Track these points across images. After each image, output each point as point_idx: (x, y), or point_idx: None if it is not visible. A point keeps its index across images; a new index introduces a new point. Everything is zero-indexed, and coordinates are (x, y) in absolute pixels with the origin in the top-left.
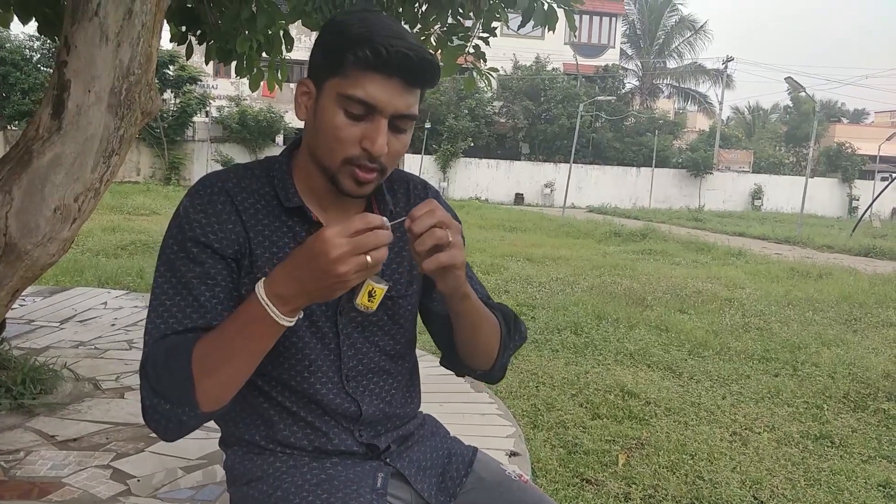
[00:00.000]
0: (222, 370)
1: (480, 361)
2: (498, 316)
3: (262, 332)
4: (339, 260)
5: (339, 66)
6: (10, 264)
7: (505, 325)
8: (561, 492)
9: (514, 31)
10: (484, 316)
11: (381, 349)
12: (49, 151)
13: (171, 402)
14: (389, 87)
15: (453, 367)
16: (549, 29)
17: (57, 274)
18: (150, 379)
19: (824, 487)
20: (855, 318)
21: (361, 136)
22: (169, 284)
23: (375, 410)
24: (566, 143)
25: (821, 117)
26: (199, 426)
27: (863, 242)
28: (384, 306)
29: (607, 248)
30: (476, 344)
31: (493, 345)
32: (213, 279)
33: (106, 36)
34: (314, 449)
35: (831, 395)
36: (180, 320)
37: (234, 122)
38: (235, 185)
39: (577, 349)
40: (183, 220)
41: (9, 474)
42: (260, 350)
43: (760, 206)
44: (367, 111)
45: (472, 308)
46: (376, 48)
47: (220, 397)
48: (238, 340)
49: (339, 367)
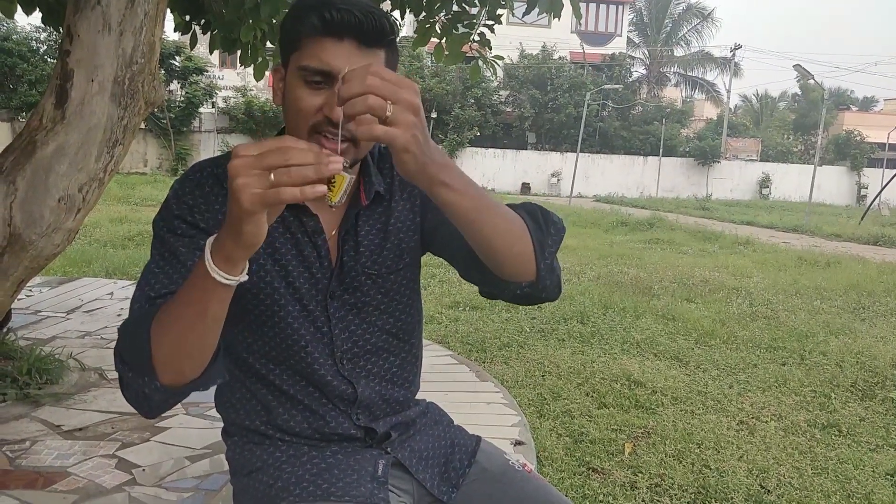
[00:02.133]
0: (172, 332)
1: (519, 269)
2: (519, 210)
3: (207, 289)
4: (237, 173)
5: (295, 41)
6: (15, 255)
7: (531, 218)
8: (567, 480)
9: (520, 19)
10: (488, 207)
11: (380, 328)
12: (53, 141)
13: (132, 371)
14: (343, 50)
15: (495, 289)
16: (554, 17)
17: (65, 265)
18: (118, 344)
19: (831, 476)
20: (863, 307)
21: (322, 103)
22: (159, 255)
23: (371, 392)
24: (573, 132)
25: (829, 105)
26: (167, 403)
27: (871, 231)
28: (376, 285)
29: (614, 237)
30: (493, 245)
31: (520, 243)
32: (201, 249)
33: (109, 25)
34: (313, 432)
35: (839, 383)
36: (167, 285)
37: (241, 112)
38: (224, 171)
39: (584, 338)
40: (172, 202)
41: (14, 464)
42: (208, 312)
43: (768, 195)
44: (326, 78)
45: (462, 198)
46: (322, 14)
47: (176, 367)
48: (185, 299)
49: (332, 350)
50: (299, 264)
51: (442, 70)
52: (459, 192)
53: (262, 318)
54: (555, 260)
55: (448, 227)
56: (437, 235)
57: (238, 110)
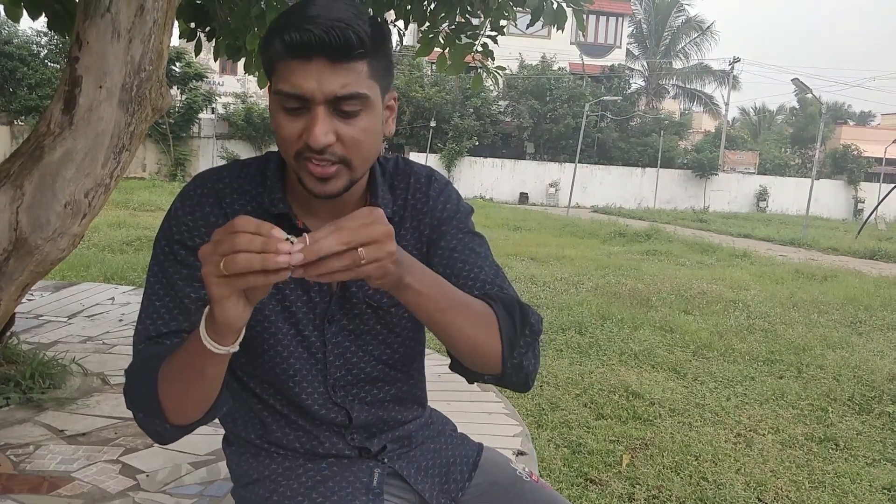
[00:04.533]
0: (175, 387)
1: (481, 364)
2: (495, 306)
3: (204, 355)
4: (203, 259)
5: (270, 66)
6: (21, 259)
7: (507, 316)
8: (565, 491)
9: (521, 30)
10: (452, 307)
11: (377, 358)
12: (60, 147)
13: (143, 413)
14: (313, 70)
15: (460, 373)
16: (557, 28)
17: (63, 269)
18: (127, 388)
19: (829, 490)
20: (860, 321)
21: (302, 129)
22: (160, 285)
23: (368, 416)
24: (571, 142)
25: (827, 119)
26: (180, 436)
27: (868, 245)
28: (376, 315)
29: (612, 248)
30: (454, 342)
31: (487, 341)
32: (198, 281)
33: (118, 32)
34: (306, 451)
35: (836, 397)
36: (167, 322)
37: (240, 119)
38: (227, 186)
39: (582, 349)
40: (172, 222)
41: (19, 468)
42: (206, 373)
43: (765, 208)
44: (301, 103)
45: (424, 300)
46: (282, 37)
47: (183, 414)
48: (184, 361)
49: (325, 377)
50: (297, 287)
51: (441, 79)
52: (422, 293)
53: (255, 342)
54: (527, 358)
55: (444, 273)
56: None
57: (238, 116)
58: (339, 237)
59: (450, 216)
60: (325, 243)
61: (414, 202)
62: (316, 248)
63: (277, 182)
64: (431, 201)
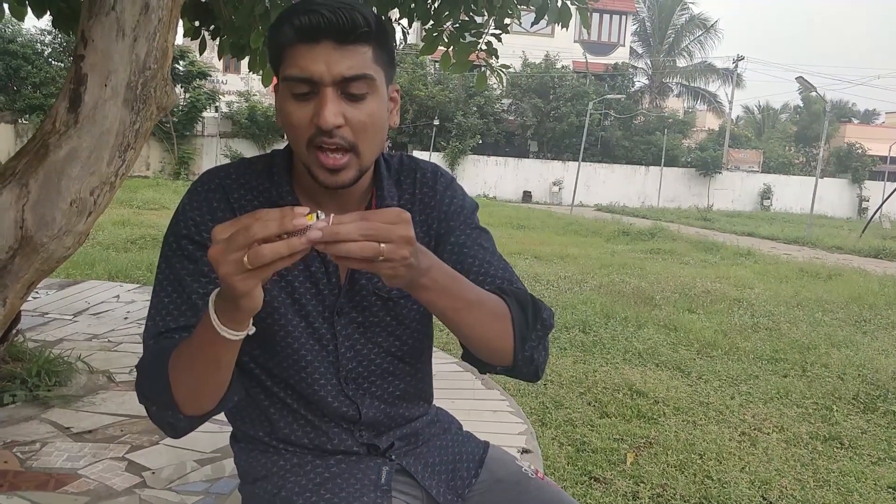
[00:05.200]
0: (188, 377)
1: (494, 357)
2: (509, 301)
3: (216, 342)
4: (216, 262)
5: (278, 54)
6: (27, 257)
7: (520, 311)
8: (569, 490)
9: (525, 28)
10: (468, 306)
11: (386, 350)
12: (65, 145)
13: (156, 405)
14: (321, 53)
15: (472, 363)
16: (562, 26)
17: (68, 267)
18: (139, 382)
19: (833, 489)
20: (864, 320)
21: (312, 114)
22: (168, 281)
23: (377, 413)
24: (575, 141)
25: (831, 117)
26: (193, 427)
27: (872, 243)
28: (386, 307)
29: (616, 246)
30: (469, 338)
31: (499, 338)
32: (206, 276)
33: (123, 30)
34: (314, 448)
35: (841, 396)
36: (176, 318)
37: (244, 117)
38: (234, 182)
39: (586, 347)
40: (180, 218)
41: (25, 465)
42: (220, 360)
43: (769, 207)
44: (310, 87)
45: (440, 298)
46: (291, 21)
47: (196, 404)
48: (197, 349)
49: (338, 368)
50: (306, 280)
51: (445, 78)
52: (438, 294)
53: (266, 334)
54: (537, 351)
55: (455, 269)
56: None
57: (241, 115)
58: (360, 227)
59: (457, 211)
60: (345, 229)
61: (421, 196)
62: (335, 230)
63: (285, 176)
64: (438, 196)
